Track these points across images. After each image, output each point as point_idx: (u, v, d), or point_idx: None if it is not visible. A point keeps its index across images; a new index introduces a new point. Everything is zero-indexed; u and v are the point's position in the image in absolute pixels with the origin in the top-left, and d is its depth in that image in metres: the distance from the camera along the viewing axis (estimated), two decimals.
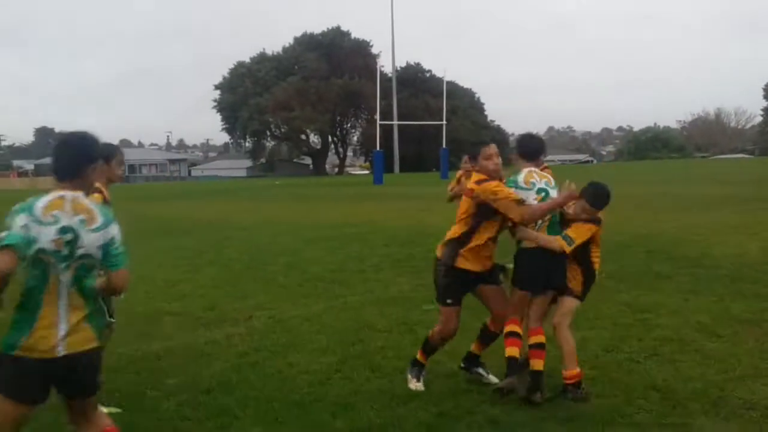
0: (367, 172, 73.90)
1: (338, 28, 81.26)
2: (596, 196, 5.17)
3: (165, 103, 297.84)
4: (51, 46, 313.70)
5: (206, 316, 7.97)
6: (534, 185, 5.15)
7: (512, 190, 5.04)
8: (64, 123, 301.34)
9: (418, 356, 5.45)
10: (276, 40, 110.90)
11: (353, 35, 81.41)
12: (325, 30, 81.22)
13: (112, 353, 6.46)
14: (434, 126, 59.19)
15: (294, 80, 74.84)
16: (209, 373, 5.83)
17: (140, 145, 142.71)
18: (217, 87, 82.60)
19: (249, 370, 5.91)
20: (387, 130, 56.15)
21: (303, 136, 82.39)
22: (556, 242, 5.01)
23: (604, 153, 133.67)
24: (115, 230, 3.49)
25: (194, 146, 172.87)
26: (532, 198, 5.07)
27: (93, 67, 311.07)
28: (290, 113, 73.79)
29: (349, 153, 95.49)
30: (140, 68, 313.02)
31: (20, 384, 3.29)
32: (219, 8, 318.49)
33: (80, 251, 3.33)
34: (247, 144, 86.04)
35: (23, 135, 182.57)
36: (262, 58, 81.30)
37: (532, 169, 5.31)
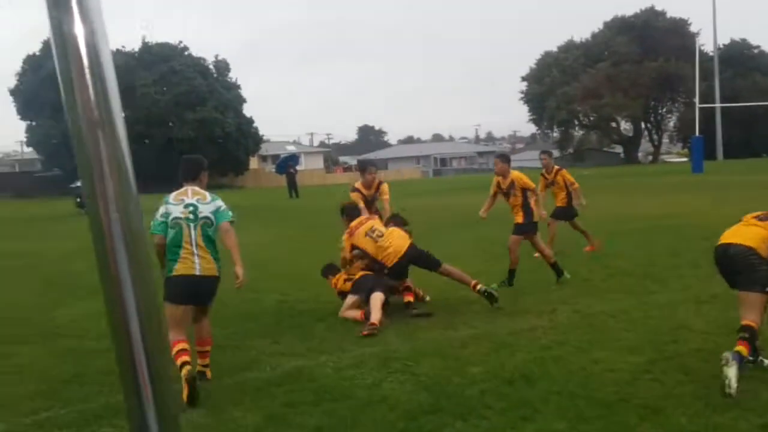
0: (684, 159, 68.91)
1: (652, 8, 76.80)
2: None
3: (474, 97, 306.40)
4: (376, 50, 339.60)
5: (509, 306, 8.00)
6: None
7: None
8: (382, 120, 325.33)
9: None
10: (584, 27, 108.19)
11: (669, 14, 76.41)
12: (638, 11, 77.29)
13: (420, 338, 6.82)
14: (765, 107, 53.18)
15: (603, 66, 72.39)
16: (512, 364, 5.84)
17: (451, 138, 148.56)
18: (524, 78, 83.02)
19: (552, 364, 5.81)
20: (707, 114, 51.84)
21: (613, 124, 79.42)
22: None
23: None
24: (220, 203, 5.72)
25: (502, 138, 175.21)
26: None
27: (409, 67, 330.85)
28: (599, 101, 71.55)
29: (665, 140, 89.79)
30: (450, 64, 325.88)
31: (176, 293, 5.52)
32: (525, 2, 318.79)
33: (201, 216, 5.59)
34: (554, 134, 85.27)
35: (348, 133, 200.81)
36: (569, 46, 79.92)
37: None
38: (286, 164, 40.06)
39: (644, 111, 77.59)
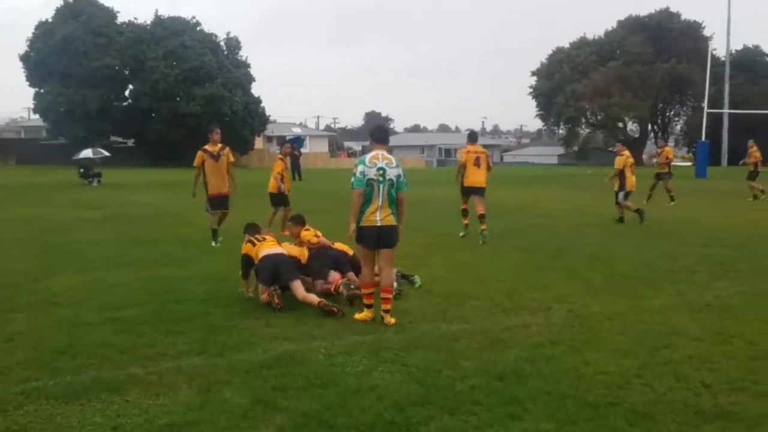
0: (689, 164, 68.70)
1: (667, 9, 76.43)
2: None
3: (482, 90, 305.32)
4: (384, 39, 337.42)
5: (505, 302, 8.00)
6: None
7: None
8: (389, 108, 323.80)
9: None
10: (598, 24, 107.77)
11: (683, 16, 76.09)
12: (653, 12, 76.92)
13: (414, 329, 6.82)
14: None
15: (615, 65, 72.03)
16: (503, 360, 5.84)
17: (456, 130, 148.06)
18: (534, 73, 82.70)
19: (543, 362, 5.81)
20: (715, 120, 51.66)
21: (620, 124, 79.11)
22: None
23: None
24: (401, 170, 7.14)
25: (508, 132, 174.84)
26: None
27: (417, 56, 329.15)
28: (608, 100, 71.25)
29: (670, 143, 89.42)
30: (460, 56, 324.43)
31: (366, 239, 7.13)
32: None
33: (387, 178, 7.05)
34: (560, 131, 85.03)
35: (355, 118, 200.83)
36: (582, 43, 79.57)
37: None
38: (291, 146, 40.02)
39: (652, 113, 77.29)
